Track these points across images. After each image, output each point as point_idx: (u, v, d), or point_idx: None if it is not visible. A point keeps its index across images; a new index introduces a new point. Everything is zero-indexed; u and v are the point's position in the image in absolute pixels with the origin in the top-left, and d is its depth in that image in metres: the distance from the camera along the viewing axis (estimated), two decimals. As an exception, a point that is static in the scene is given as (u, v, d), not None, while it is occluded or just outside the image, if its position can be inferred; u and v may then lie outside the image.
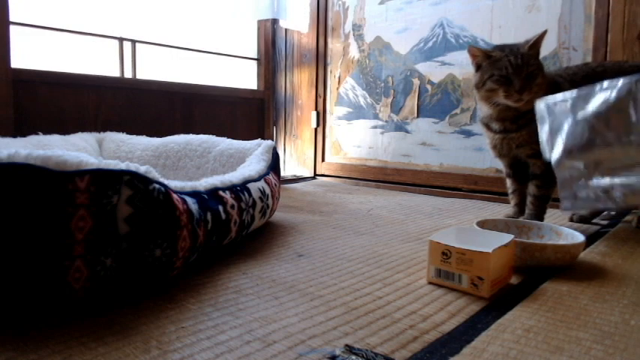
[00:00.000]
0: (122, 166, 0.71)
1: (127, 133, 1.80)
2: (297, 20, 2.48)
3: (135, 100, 2.02)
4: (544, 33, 1.18)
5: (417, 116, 2.08)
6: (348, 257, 1.00)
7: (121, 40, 2.02)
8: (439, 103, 2.01)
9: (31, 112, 1.73)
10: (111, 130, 1.82)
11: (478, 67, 1.25)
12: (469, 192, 1.90)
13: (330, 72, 2.42)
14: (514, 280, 0.87)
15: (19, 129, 1.66)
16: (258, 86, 2.62)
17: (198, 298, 0.72)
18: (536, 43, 1.17)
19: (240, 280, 0.82)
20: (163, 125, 2.10)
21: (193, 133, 1.76)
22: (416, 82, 2.07)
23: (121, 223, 0.68)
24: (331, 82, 2.42)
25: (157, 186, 0.75)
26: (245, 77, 2.59)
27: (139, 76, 2.08)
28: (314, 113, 2.47)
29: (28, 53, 1.78)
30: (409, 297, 0.76)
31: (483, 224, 1.06)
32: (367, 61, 2.25)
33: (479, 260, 0.77)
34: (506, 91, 1.16)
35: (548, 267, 0.92)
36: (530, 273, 0.90)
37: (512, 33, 1.77)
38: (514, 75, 1.14)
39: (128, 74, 2.05)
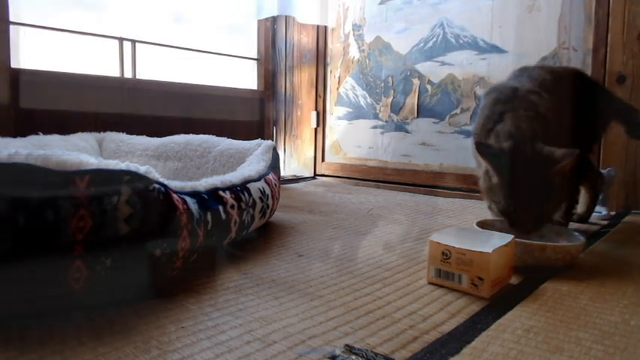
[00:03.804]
0: (122, 166, 0.71)
1: (127, 133, 1.80)
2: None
3: (135, 100, 2.02)
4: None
5: (417, 116, 2.08)
6: (348, 257, 1.00)
7: (121, 40, 2.02)
8: (439, 103, 2.01)
9: (31, 112, 1.72)
10: (111, 130, 1.82)
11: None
12: (469, 192, 1.90)
13: (330, 72, 2.42)
14: (514, 280, 0.87)
15: (19, 129, 1.66)
16: (258, 86, 2.62)
17: (198, 298, 0.72)
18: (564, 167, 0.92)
19: (240, 280, 0.82)
20: (163, 125, 2.10)
21: (193, 133, 1.76)
22: (416, 82, 2.07)
23: (121, 223, 0.68)
24: (331, 82, 2.42)
25: (157, 186, 0.75)
26: (245, 77, 2.59)
27: (138, 77, 2.08)
28: (314, 113, 2.47)
29: (28, 53, 1.78)
30: (409, 297, 0.76)
31: (483, 224, 1.06)
32: (367, 61, 2.25)
33: (479, 260, 0.77)
34: (512, 226, 0.98)
35: (548, 267, 0.92)
36: (530, 273, 0.90)
37: (512, 33, 1.77)
38: (521, 216, 0.95)
39: (128, 74, 2.05)
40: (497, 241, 0.82)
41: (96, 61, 1.98)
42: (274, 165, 1.34)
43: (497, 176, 0.97)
